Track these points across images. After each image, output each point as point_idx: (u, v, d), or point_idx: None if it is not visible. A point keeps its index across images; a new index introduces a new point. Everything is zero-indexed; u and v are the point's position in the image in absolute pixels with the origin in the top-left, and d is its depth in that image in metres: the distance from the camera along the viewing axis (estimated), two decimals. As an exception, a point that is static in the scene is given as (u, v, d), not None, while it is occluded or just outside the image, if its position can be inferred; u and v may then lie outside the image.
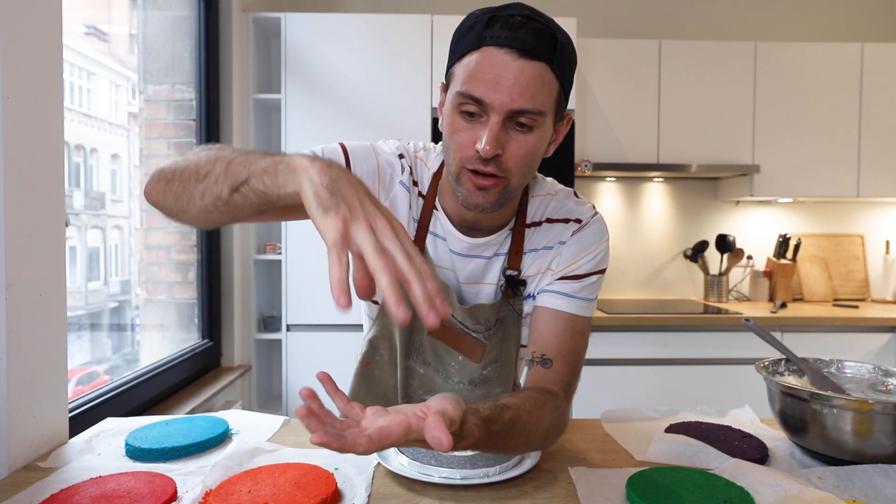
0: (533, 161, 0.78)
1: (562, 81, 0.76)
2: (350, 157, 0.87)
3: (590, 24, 2.94)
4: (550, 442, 0.83)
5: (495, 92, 0.72)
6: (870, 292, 3.05)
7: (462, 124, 0.76)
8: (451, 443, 0.52)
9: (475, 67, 0.73)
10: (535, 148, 0.77)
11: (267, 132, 2.69)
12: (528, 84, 0.72)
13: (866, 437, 0.78)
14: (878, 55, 2.71)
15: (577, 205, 0.92)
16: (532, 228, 0.91)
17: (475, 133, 0.75)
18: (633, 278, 3.05)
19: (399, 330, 0.95)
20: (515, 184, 0.79)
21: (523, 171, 0.78)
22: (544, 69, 0.73)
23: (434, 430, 0.52)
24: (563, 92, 0.77)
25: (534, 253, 0.91)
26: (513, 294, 0.92)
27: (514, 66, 0.71)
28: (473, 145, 0.75)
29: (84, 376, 1.76)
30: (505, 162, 0.75)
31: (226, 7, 2.26)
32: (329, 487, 0.72)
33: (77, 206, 1.74)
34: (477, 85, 0.72)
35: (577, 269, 0.89)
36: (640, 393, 2.45)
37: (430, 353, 0.95)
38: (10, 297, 0.84)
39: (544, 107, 0.74)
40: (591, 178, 2.98)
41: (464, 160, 0.77)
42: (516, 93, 0.71)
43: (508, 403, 0.72)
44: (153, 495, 0.70)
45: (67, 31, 1.46)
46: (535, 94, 0.72)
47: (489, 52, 0.72)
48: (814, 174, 2.73)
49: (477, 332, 0.92)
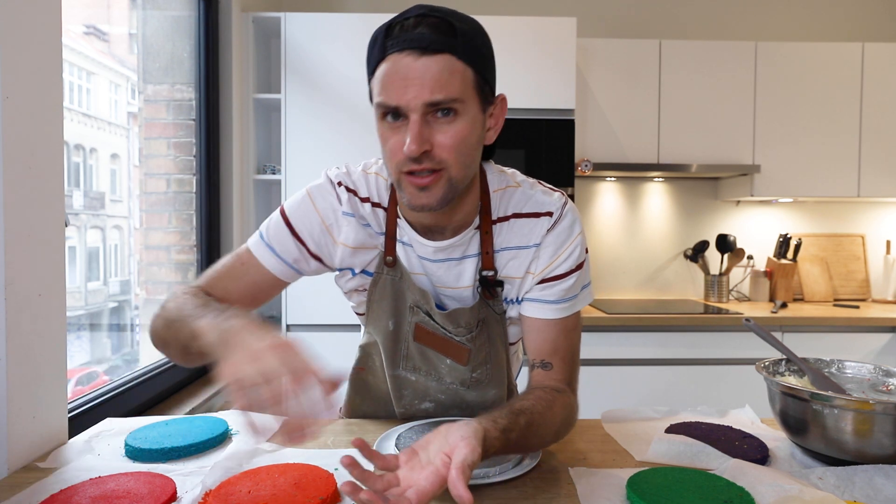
0: (467, 147, 0.78)
1: (474, 66, 0.76)
2: (294, 228, 0.90)
3: (590, 24, 2.94)
4: (563, 434, 0.86)
5: (405, 94, 0.73)
6: (870, 292, 3.05)
7: (389, 133, 0.77)
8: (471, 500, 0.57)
9: (383, 77, 0.75)
10: (464, 135, 0.77)
11: (267, 132, 2.69)
12: (435, 77, 0.73)
13: (867, 438, 0.78)
14: (879, 55, 2.71)
15: (545, 195, 0.90)
16: (499, 224, 0.89)
17: (402, 137, 0.76)
18: (633, 278, 3.05)
19: (383, 339, 0.94)
20: (457, 174, 0.78)
21: (460, 160, 0.78)
22: (448, 59, 0.74)
23: (455, 489, 0.57)
24: (479, 76, 0.78)
25: (508, 251, 0.89)
26: (490, 295, 0.90)
27: (416, 65, 0.73)
28: (402, 149, 0.76)
29: (84, 376, 1.76)
30: (437, 154, 0.76)
31: (225, 7, 2.26)
32: (329, 488, 0.71)
33: (77, 206, 1.74)
34: (389, 93, 0.74)
35: (556, 270, 0.88)
36: (640, 393, 2.45)
37: (420, 359, 0.95)
38: (10, 297, 0.84)
39: (458, 94, 0.75)
40: (591, 178, 2.98)
41: (399, 165, 0.77)
42: (426, 88, 0.73)
43: (523, 408, 0.75)
44: (153, 496, 0.70)
45: (67, 31, 1.46)
46: (444, 85, 0.73)
47: (393, 59, 0.74)
48: (814, 174, 2.73)
49: (459, 335, 0.91)
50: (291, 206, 0.92)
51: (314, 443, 0.92)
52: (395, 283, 0.91)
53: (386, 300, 0.92)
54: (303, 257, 0.91)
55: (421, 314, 0.91)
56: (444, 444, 0.64)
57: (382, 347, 0.95)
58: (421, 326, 0.92)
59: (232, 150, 2.29)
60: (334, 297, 2.39)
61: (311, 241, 0.90)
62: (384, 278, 0.91)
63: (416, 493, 0.59)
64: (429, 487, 0.59)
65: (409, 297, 0.91)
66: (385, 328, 0.93)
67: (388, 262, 0.90)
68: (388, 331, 0.93)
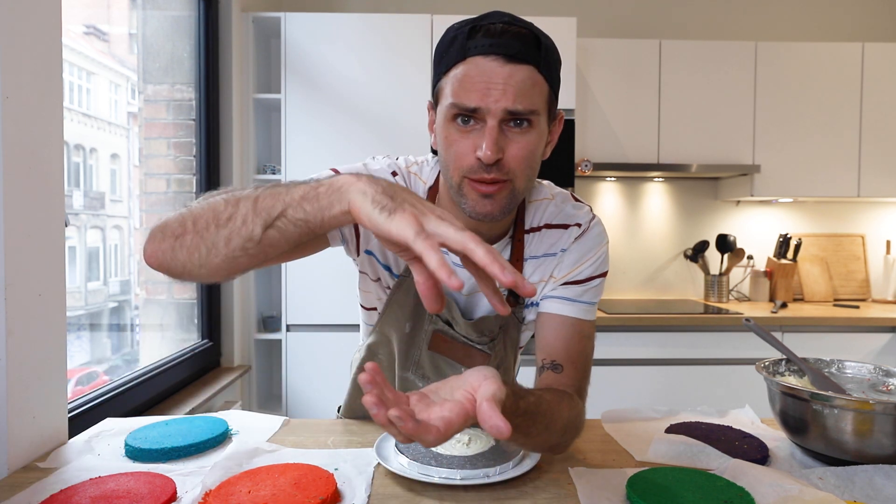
0: (534, 161, 0.78)
1: (550, 82, 0.77)
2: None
3: (590, 24, 2.94)
4: (569, 439, 0.81)
5: (488, 98, 0.72)
6: (870, 292, 3.05)
7: (458, 136, 0.76)
8: (510, 430, 0.51)
9: (464, 78, 0.73)
10: (534, 147, 0.76)
11: (267, 132, 2.68)
12: (519, 86, 0.72)
13: (867, 438, 0.78)
14: (879, 55, 2.71)
15: (576, 209, 0.92)
16: (531, 234, 0.90)
17: (473, 142, 0.75)
18: (633, 278, 3.05)
19: (398, 340, 0.94)
20: (520, 186, 0.78)
21: (526, 173, 0.77)
22: (532, 71, 0.73)
23: (491, 419, 0.52)
24: (552, 92, 0.78)
25: (534, 260, 0.90)
26: (514, 303, 0.91)
27: (502, 71, 0.72)
28: (472, 154, 0.74)
29: (83, 376, 1.76)
30: (507, 164, 0.75)
31: (225, 7, 2.26)
32: (329, 488, 0.71)
33: (77, 206, 1.74)
34: (469, 95, 0.73)
35: (579, 275, 0.89)
36: (640, 393, 2.45)
37: (430, 368, 0.95)
38: (10, 297, 0.84)
39: (537, 106, 0.74)
40: (592, 178, 2.98)
41: (464, 170, 0.76)
42: (509, 95, 0.72)
43: (531, 391, 0.72)
44: (153, 496, 0.70)
45: (67, 31, 1.46)
46: (526, 95, 0.73)
47: (475, 62, 0.73)
48: (814, 174, 2.73)
49: (482, 343, 0.91)
50: (345, 168, 0.84)
51: (314, 443, 0.92)
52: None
53: (408, 303, 0.91)
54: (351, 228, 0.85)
55: (441, 323, 0.91)
56: (462, 384, 0.59)
57: (397, 348, 0.95)
58: (439, 335, 0.91)
59: (232, 150, 2.29)
60: (334, 297, 2.41)
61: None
62: (410, 282, 0.89)
63: (443, 422, 0.53)
64: (455, 418, 0.54)
65: None
66: (401, 329, 0.93)
67: None
68: (405, 333, 0.93)
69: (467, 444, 0.85)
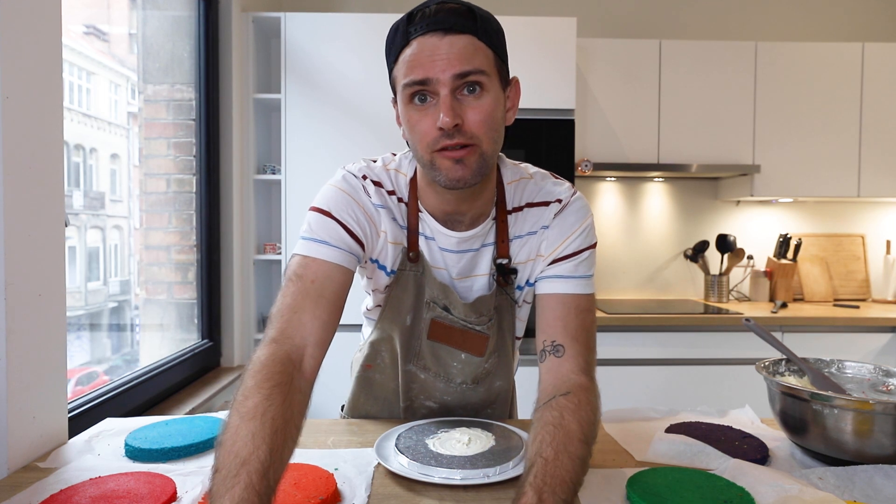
0: (494, 123, 0.80)
1: (493, 47, 0.80)
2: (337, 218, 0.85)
3: (590, 24, 2.94)
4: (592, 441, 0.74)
5: (434, 68, 0.76)
6: (870, 292, 3.05)
7: (418, 115, 0.79)
8: None
9: (410, 58, 0.77)
10: (491, 110, 0.79)
11: (267, 132, 2.68)
12: (461, 52, 0.76)
13: (867, 438, 0.78)
14: (879, 55, 2.71)
15: (556, 185, 0.93)
16: (514, 214, 0.92)
17: (432, 117, 0.78)
18: (633, 278, 3.05)
19: (400, 334, 0.96)
20: (487, 150, 0.80)
21: (490, 135, 0.80)
22: (471, 38, 0.77)
23: None
24: (498, 58, 0.81)
25: (520, 239, 0.92)
26: (505, 282, 0.93)
27: (442, 42, 0.76)
28: (434, 128, 0.78)
29: (83, 376, 1.76)
30: (469, 129, 0.78)
31: (225, 7, 2.26)
32: (329, 488, 0.71)
33: (76, 206, 1.74)
34: (416, 70, 0.77)
35: (566, 249, 0.90)
36: (640, 393, 2.45)
37: (430, 359, 0.96)
38: (10, 297, 0.84)
39: (484, 67, 0.78)
40: (592, 178, 2.98)
41: (430, 144, 0.79)
42: (454, 61, 0.76)
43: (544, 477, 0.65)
44: (153, 496, 0.70)
45: (67, 31, 1.46)
46: (469, 59, 0.76)
47: (418, 41, 0.77)
48: (814, 174, 2.73)
49: (480, 324, 0.93)
50: (326, 201, 0.87)
51: (314, 443, 0.92)
52: (417, 278, 0.92)
53: (407, 296, 0.93)
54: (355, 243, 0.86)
55: (438, 309, 0.93)
56: None
57: (399, 342, 0.96)
58: (437, 322, 0.93)
59: (232, 150, 2.29)
60: (334, 297, 2.40)
61: (357, 228, 0.86)
62: (406, 274, 0.92)
63: None
64: None
65: (426, 293, 0.93)
66: (402, 323, 0.95)
67: (412, 257, 0.91)
68: (405, 326, 0.95)
69: (467, 444, 0.85)
